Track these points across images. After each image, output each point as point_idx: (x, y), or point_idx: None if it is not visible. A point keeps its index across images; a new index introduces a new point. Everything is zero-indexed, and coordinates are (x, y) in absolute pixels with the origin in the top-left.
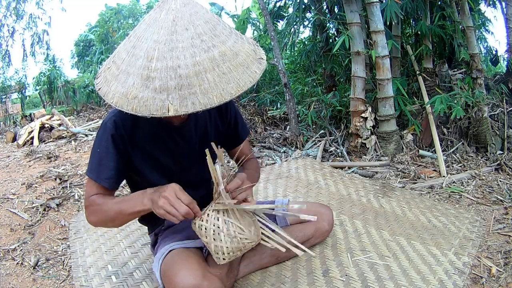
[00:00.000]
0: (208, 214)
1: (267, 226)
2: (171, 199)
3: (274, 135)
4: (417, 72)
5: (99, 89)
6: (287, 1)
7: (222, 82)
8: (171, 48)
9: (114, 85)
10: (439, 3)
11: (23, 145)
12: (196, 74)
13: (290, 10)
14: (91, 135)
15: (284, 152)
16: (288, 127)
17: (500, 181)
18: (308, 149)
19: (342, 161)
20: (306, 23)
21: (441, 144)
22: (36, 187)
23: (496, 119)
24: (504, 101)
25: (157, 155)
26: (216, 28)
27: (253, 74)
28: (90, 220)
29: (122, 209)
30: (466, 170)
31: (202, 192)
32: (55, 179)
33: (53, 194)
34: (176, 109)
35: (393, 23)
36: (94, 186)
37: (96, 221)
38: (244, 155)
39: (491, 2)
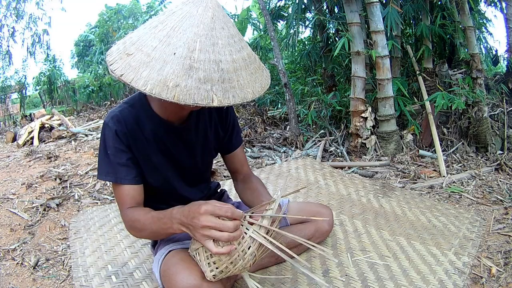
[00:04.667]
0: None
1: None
2: (212, 224)
3: (274, 135)
4: (417, 72)
5: (122, 75)
6: (287, 1)
7: (252, 80)
8: (212, 43)
9: (146, 72)
10: (439, 3)
11: (23, 145)
12: (235, 70)
13: (290, 10)
14: (91, 135)
15: (284, 152)
16: (288, 127)
17: (500, 181)
18: (308, 149)
19: (342, 161)
20: (306, 23)
21: (441, 144)
22: (36, 187)
23: (496, 119)
24: (504, 101)
25: (155, 154)
26: (239, 33)
27: (267, 77)
28: (131, 233)
29: (154, 230)
30: (466, 170)
31: (198, 194)
32: (55, 179)
33: (53, 194)
34: (220, 100)
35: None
36: (123, 194)
37: (137, 237)
38: (240, 163)
39: (491, 2)
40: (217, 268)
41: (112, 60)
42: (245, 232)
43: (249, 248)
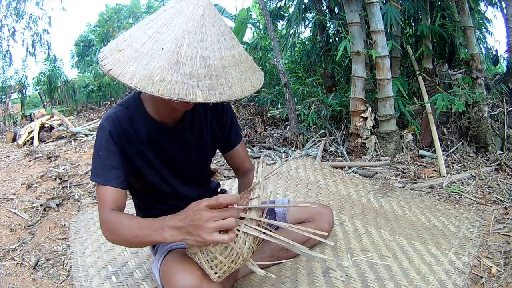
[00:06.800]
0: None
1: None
2: (215, 214)
3: (274, 135)
4: (417, 72)
5: (110, 69)
6: (287, 1)
7: (242, 79)
8: (201, 39)
9: (133, 67)
10: (439, 3)
11: (23, 145)
12: (223, 67)
13: (291, 10)
14: (91, 135)
15: (284, 152)
16: (288, 127)
17: (500, 181)
18: (308, 149)
19: (342, 161)
20: (306, 23)
21: (441, 144)
22: (36, 187)
23: (496, 119)
24: (504, 101)
25: (151, 155)
26: (231, 32)
27: (259, 78)
28: (106, 237)
29: (138, 235)
30: (466, 170)
31: (196, 193)
32: (55, 179)
33: (53, 194)
34: (205, 96)
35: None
36: (106, 196)
37: (113, 240)
38: (241, 160)
39: (491, 2)
40: (220, 269)
41: (104, 56)
42: (237, 229)
43: (245, 244)
